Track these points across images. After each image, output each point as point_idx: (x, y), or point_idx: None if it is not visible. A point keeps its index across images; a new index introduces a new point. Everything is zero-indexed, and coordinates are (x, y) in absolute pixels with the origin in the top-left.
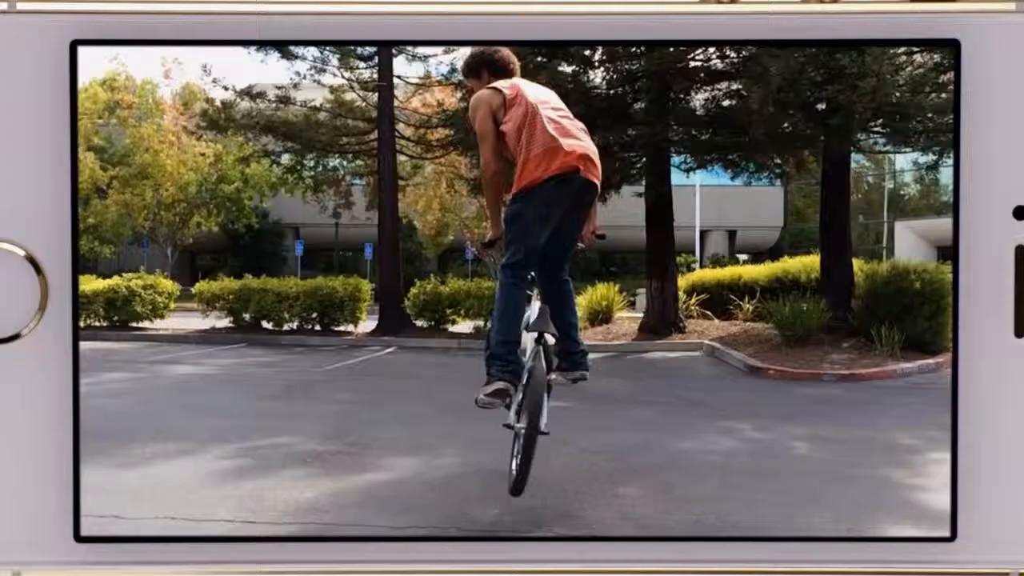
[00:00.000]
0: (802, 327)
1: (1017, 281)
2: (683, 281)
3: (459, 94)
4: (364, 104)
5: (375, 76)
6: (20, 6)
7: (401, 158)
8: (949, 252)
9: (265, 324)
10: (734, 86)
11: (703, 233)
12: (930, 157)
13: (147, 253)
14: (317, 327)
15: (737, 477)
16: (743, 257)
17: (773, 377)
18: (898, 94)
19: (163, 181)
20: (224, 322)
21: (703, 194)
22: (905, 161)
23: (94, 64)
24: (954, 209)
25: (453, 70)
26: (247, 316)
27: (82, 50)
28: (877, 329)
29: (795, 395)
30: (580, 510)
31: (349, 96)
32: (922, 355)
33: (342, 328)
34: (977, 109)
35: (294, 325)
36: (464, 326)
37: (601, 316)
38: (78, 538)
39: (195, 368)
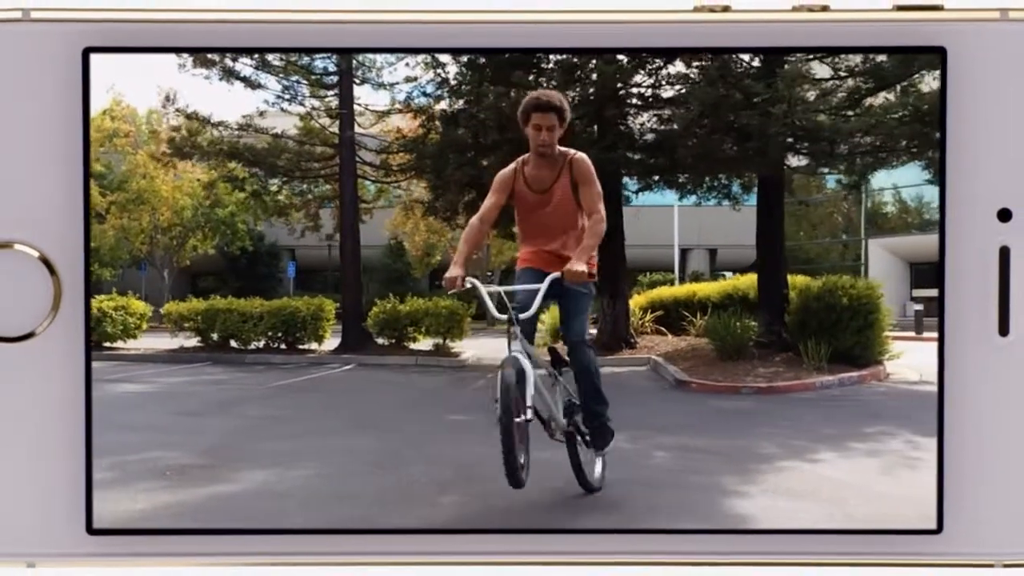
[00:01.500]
0: (733, 342)
1: (1001, 281)
2: (643, 298)
3: (417, 121)
4: (327, 131)
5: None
6: (34, 14)
7: (366, 182)
8: (920, 268)
9: (234, 343)
10: (665, 112)
11: (684, 251)
12: (853, 178)
13: (145, 275)
14: (282, 346)
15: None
16: (729, 274)
17: (696, 390)
18: (820, 118)
19: (159, 206)
20: (193, 341)
21: (683, 214)
22: (881, 181)
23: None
24: (940, 212)
25: (409, 98)
26: (215, 336)
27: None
28: (805, 343)
29: (705, 407)
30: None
31: (314, 123)
32: (849, 368)
33: (306, 346)
34: (962, 115)
35: (261, 344)
36: (424, 344)
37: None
38: (90, 530)
39: (139, 386)
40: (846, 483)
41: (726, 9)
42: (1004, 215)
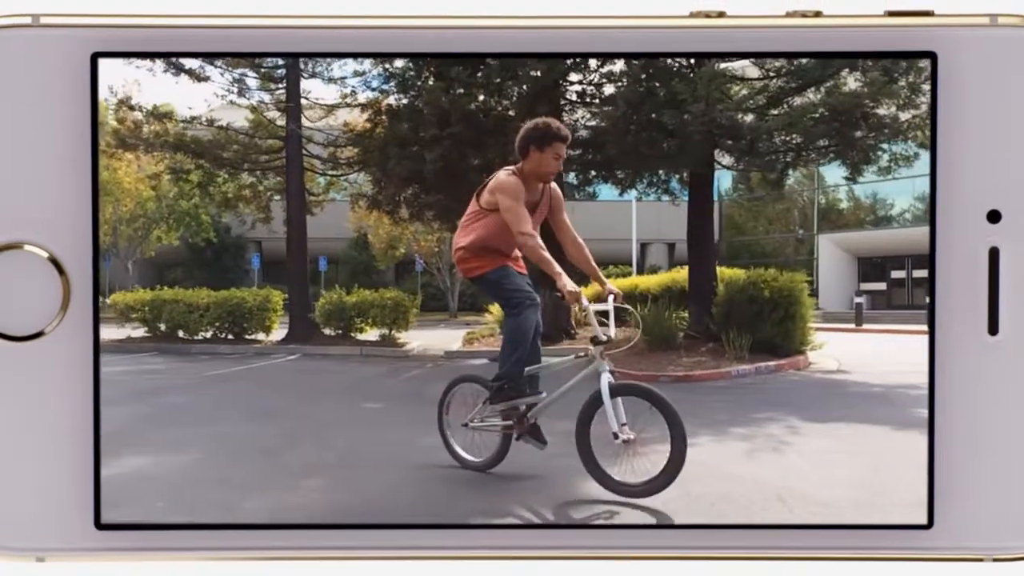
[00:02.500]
0: (660, 332)
1: (991, 281)
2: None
3: (365, 115)
4: (274, 125)
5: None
6: (44, 20)
7: (317, 175)
8: (866, 261)
9: (182, 334)
10: (594, 109)
11: (644, 245)
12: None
13: (108, 267)
14: (230, 336)
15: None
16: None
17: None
18: (744, 117)
19: (122, 197)
20: (141, 332)
21: (641, 209)
22: (834, 178)
23: None
24: (930, 213)
25: (354, 92)
26: (162, 326)
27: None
28: (727, 334)
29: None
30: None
31: (263, 116)
32: (769, 357)
33: (254, 337)
34: (952, 118)
35: (209, 334)
36: (372, 334)
37: None
38: (98, 525)
39: None
40: (701, 463)
41: (721, 15)
42: (993, 216)
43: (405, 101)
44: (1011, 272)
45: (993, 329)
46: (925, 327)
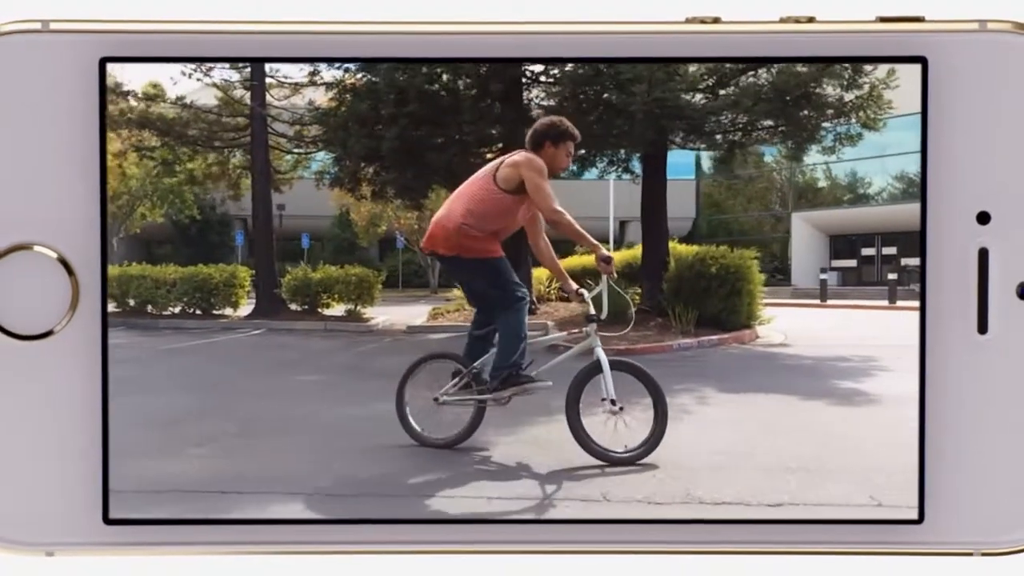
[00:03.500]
0: (612, 307)
1: (980, 281)
2: (573, 260)
3: (330, 94)
4: (240, 103)
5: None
6: (53, 26)
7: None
8: (838, 239)
9: (151, 309)
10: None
11: (623, 223)
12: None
13: None
14: (198, 311)
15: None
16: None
17: (561, 352)
18: (691, 96)
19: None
20: (111, 307)
21: (620, 187)
22: (811, 158)
23: None
24: (921, 215)
25: (314, 71)
26: (131, 301)
27: None
28: (674, 309)
29: (552, 366)
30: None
31: (233, 94)
32: (714, 331)
33: (221, 312)
34: (942, 122)
35: (177, 310)
36: (338, 309)
37: None
38: (106, 520)
39: None
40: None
41: (717, 20)
42: (983, 218)
43: (364, 80)
44: (1000, 272)
45: (982, 328)
46: (886, 301)
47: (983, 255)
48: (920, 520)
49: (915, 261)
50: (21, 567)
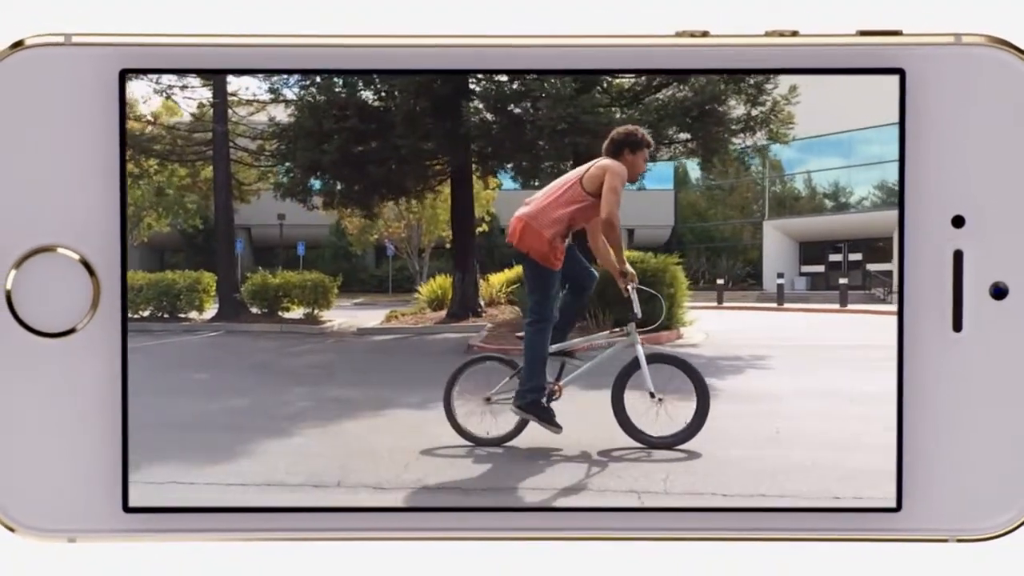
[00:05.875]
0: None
1: (955, 282)
2: (512, 273)
3: (289, 110)
4: (206, 120)
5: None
6: (75, 39)
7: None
8: (807, 246)
9: None
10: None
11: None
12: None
13: None
14: (166, 315)
15: None
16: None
17: (476, 352)
18: (604, 111)
19: None
20: None
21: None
22: (788, 166)
23: None
24: (899, 218)
25: (273, 89)
26: None
27: None
28: (594, 311)
29: (447, 365)
30: None
31: (195, 113)
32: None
33: (187, 315)
34: (919, 131)
35: (147, 313)
36: (297, 313)
37: (436, 303)
38: (126, 508)
39: None
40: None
41: (705, 34)
42: (957, 222)
43: (310, 96)
44: (974, 273)
45: (957, 326)
46: (837, 305)
47: (958, 257)
48: (898, 508)
49: (880, 266)
50: (45, 552)
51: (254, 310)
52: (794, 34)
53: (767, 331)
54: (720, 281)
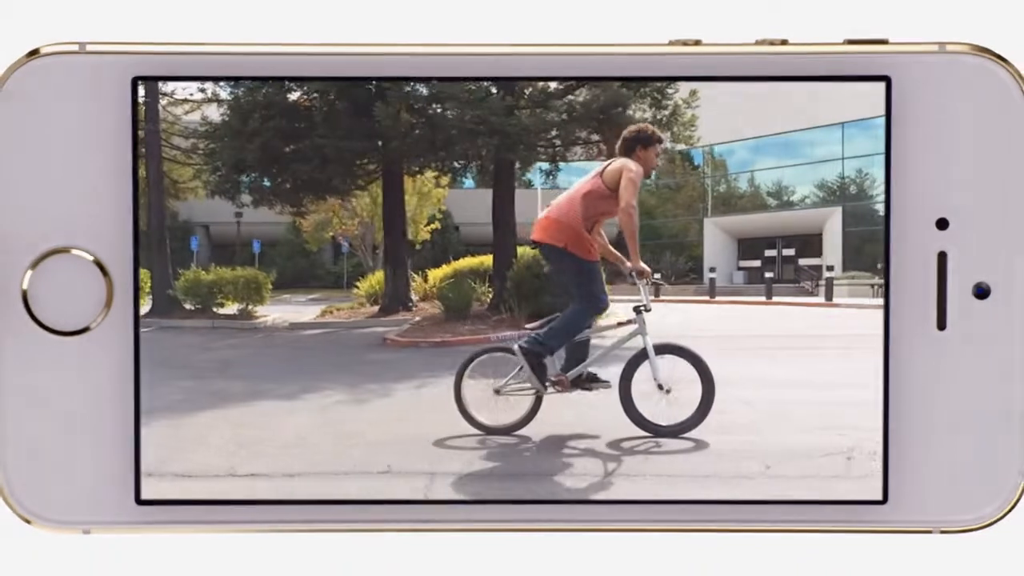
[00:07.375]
0: (455, 303)
1: (939, 282)
2: (449, 268)
3: (221, 109)
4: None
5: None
6: (89, 47)
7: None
8: (744, 242)
9: None
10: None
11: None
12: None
13: None
14: None
15: None
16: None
17: (388, 346)
18: (515, 113)
19: None
20: None
21: (546, 196)
22: (732, 165)
23: None
24: (885, 220)
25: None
26: None
27: None
28: (509, 305)
29: (360, 359)
30: None
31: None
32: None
33: None
34: (904, 136)
35: None
36: (231, 308)
37: (373, 298)
38: (139, 501)
39: None
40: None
41: (698, 43)
42: (941, 224)
43: (237, 95)
44: (957, 274)
45: (941, 325)
46: (763, 296)
47: (942, 258)
48: (884, 501)
49: (811, 261)
50: (60, 543)
51: (188, 306)
52: (783, 43)
53: (684, 325)
54: (658, 276)
